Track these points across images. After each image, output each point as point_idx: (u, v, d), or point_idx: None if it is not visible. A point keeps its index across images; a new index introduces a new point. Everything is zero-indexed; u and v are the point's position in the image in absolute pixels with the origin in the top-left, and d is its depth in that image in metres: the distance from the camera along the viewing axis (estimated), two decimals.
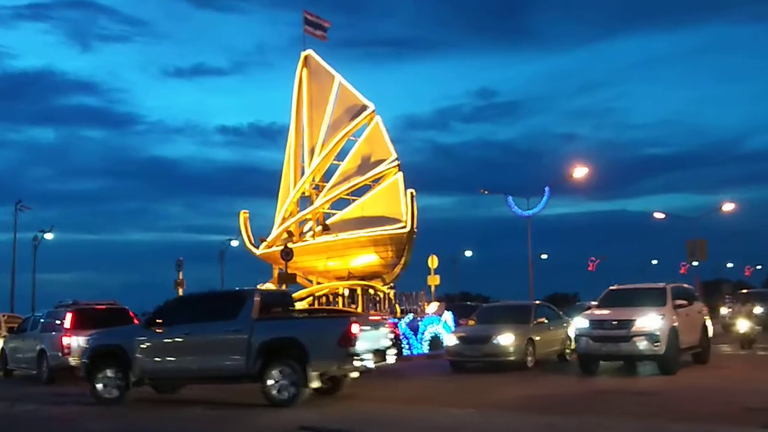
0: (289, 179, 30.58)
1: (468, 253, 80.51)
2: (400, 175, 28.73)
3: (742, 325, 21.49)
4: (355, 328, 12.02)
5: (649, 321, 15.27)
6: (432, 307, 27.43)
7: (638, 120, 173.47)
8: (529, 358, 17.46)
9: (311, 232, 30.04)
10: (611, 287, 17.98)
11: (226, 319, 12.70)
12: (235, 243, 54.97)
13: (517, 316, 18.48)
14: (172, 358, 13.09)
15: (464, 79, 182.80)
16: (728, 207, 53.05)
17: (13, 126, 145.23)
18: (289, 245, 27.21)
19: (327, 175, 30.35)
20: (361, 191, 29.58)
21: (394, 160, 29.02)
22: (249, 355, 12.17)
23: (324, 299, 28.43)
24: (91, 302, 19.21)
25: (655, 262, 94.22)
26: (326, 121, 29.98)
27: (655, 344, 14.96)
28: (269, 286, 30.13)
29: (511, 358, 17.03)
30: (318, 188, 30.23)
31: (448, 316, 24.98)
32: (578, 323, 16.52)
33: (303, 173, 30.25)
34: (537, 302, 21.75)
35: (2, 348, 20.78)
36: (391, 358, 13.27)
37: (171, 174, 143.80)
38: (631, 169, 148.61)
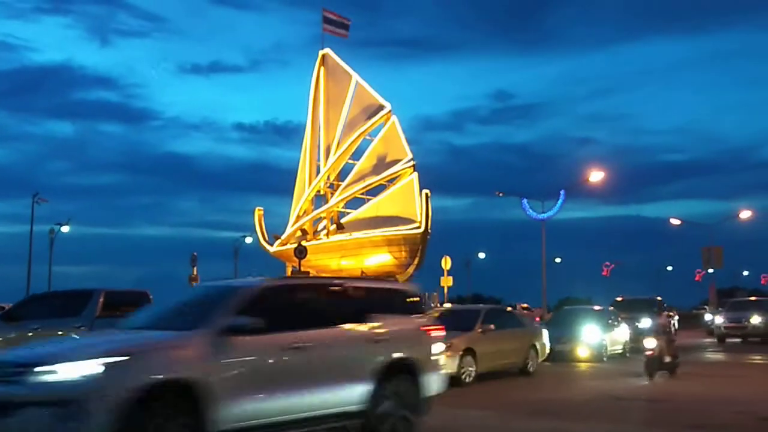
0: (304, 177, 30.65)
1: (481, 255, 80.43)
2: (416, 175, 28.73)
3: (649, 344, 15.64)
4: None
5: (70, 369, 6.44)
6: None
7: (655, 126, 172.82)
8: (470, 370, 14.70)
9: (325, 231, 30.10)
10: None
11: (72, 317, 13.14)
12: (249, 240, 55.27)
13: (460, 323, 15.53)
14: None
15: (481, 81, 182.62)
16: (745, 214, 52.54)
17: (32, 119, 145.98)
18: (303, 243, 27.25)
19: (342, 174, 30.41)
20: (375, 191, 29.64)
21: (409, 161, 29.02)
22: None
23: None
24: None
25: (670, 268, 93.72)
26: (342, 119, 30.03)
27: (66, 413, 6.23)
28: None
29: (446, 371, 13.42)
30: (333, 187, 30.28)
31: None
32: None
33: (318, 172, 30.33)
34: (491, 306, 21.45)
35: None
36: None
37: (186, 170, 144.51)
38: (646, 174, 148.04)
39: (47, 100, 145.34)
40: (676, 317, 30.49)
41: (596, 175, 39.31)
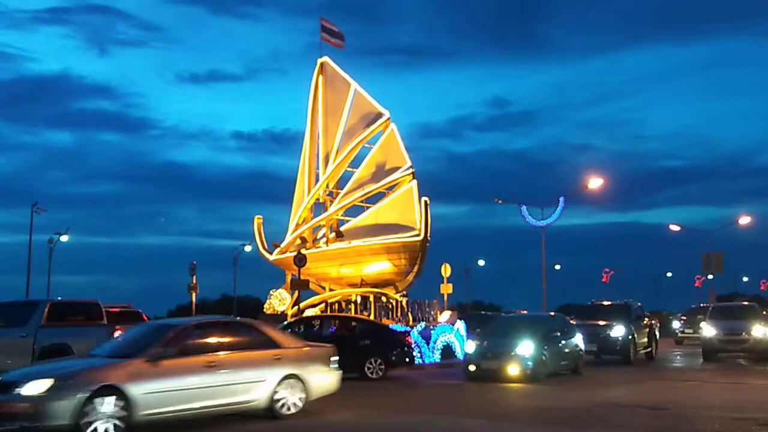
0: (303, 185, 30.66)
1: (481, 263, 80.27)
2: (415, 183, 28.72)
3: None
4: (116, 334, 13.51)
5: None
6: (444, 316, 27.38)
7: (653, 131, 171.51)
8: (110, 422, 9.55)
9: (325, 239, 30.07)
10: None
11: (19, 326, 13.90)
12: (248, 248, 55.29)
13: (137, 345, 10.73)
14: None
15: (478, 89, 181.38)
16: (744, 220, 52.62)
17: (30, 129, 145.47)
18: (303, 251, 27.24)
19: (341, 182, 30.38)
20: (375, 198, 29.59)
21: (408, 168, 29.02)
22: (33, 358, 13.35)
23: (336, 306, 28.47)
24: (105, 305, 19.28)
25: (669, 274, 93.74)
26: (341, 128, 30.05)
27: None
28: (282, 292, 30.22)
29: (52, 423, 9.22)
30: (332, 195, 30.27)
31: (460, 325, 24.95)
32: None
33: (317, 180, 30.32)
34: (201, 319, 13.38)
35: None
36: None
37: (185, 179, 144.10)
38: (645, 180, 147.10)
39: (46, 109, 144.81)
40: (658, 325, 26.27)
41: (595, 182, 39.36)
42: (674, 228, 56.37)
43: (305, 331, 19.30)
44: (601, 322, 21.78)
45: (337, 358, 12.54)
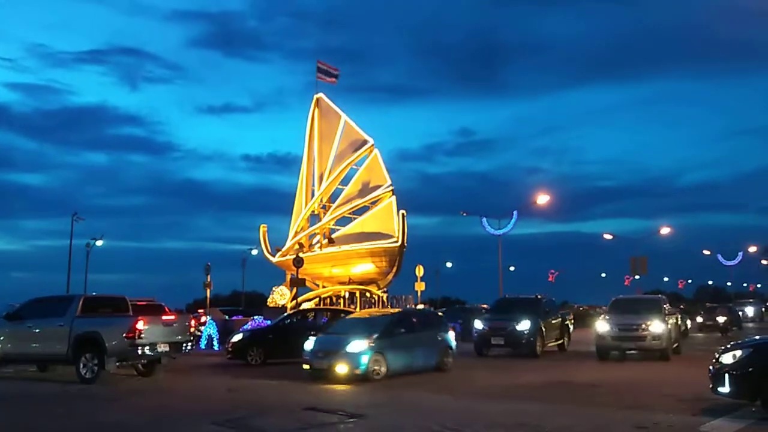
0: (301, 200, 30.52)
1: (449, 264, 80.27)
2: (394, 198, 28.69)
3: None
4: (139, 324, 12.95)
5: None
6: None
7: (591, 157, 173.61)
8: None
9: (319, 244, 29.92)
10: None
11: (58, 316, 13.61)
12: (255, 252, 54.90)
13: None
14: (20, 344, 13.88)
15: (448, 120, 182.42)
16: (665, 231, 53.10)
17: (73, 151, 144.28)
18: (300, 255, 27.06)
19: (333, 197, 30.29)
20: (361, 211, 29.53)
21: (388, 186, 28.98)
22: (69, 344, 13.13)
23: (328, 300, 28.27)
24: (132, 299, 18.96)
25: (603, 275, 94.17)
26: (333, 152, 29.99)
27: None
28: (283, 288, 29.97)
29: None
30: (325, 208, 30.15)
31: None
32: None
33: (313, 195, 30.20)
34: None
35: None
36: (186, 349, 14.24)
37: (202, 193, 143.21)
38: (584, 197, 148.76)
39: (85, 135, 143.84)
40: (572, 319, 22.56)
41: (543, 198, 39.48)
42: (607, 236, 56.64)
43: (301, 320, 19.06)
44: (508, 317, 18.61)
45: None
